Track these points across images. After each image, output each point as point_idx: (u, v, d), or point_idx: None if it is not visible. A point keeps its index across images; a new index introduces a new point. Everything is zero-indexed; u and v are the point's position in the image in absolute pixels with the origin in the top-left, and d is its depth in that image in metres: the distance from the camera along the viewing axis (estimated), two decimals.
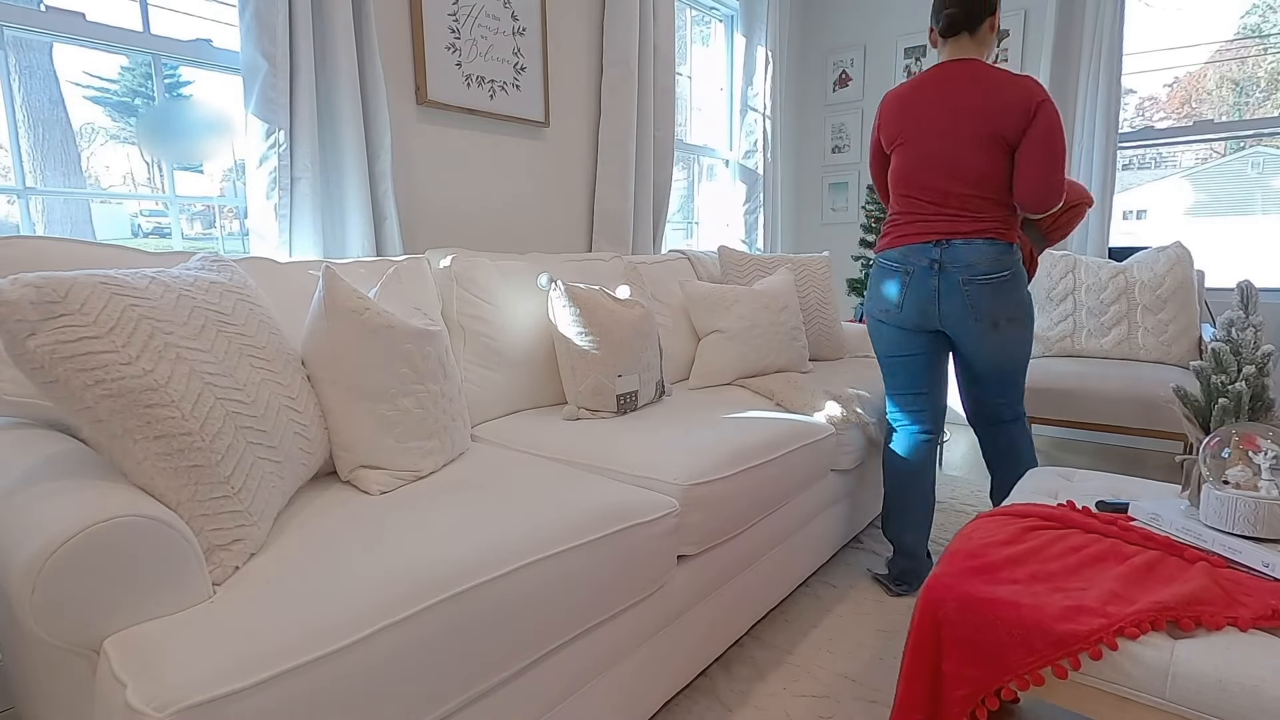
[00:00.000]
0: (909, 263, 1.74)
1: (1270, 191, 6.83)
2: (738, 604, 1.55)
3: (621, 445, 1.52)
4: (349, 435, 1.25)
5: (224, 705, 0.68)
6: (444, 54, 2.03)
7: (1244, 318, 1.26)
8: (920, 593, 1.10)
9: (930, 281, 1.71)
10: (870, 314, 1.88)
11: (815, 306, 2.56)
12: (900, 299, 1.77)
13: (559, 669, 1.09)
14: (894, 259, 1.78)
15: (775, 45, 3.41)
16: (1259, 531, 1.07)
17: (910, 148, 1.74)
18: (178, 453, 0.86)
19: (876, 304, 1.84)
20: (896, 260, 1.77)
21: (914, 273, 1.73)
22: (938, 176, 1.70)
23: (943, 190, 1.70)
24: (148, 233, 1.84)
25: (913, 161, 1.74)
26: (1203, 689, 0.87)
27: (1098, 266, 2.86)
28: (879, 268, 1.83)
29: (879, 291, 1.83)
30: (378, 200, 1.82)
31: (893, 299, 1.78)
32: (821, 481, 1.87)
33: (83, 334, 0.82)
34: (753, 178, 3.49)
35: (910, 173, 1.75)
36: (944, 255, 1.69)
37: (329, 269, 1.24)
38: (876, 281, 1.84)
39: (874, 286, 1.85)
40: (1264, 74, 4.24)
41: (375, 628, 0.81)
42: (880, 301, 1.83)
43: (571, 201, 2.57)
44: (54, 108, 1.55)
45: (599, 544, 1.11)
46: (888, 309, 1.81)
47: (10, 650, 1.01)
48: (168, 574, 0.79)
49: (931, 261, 1.70)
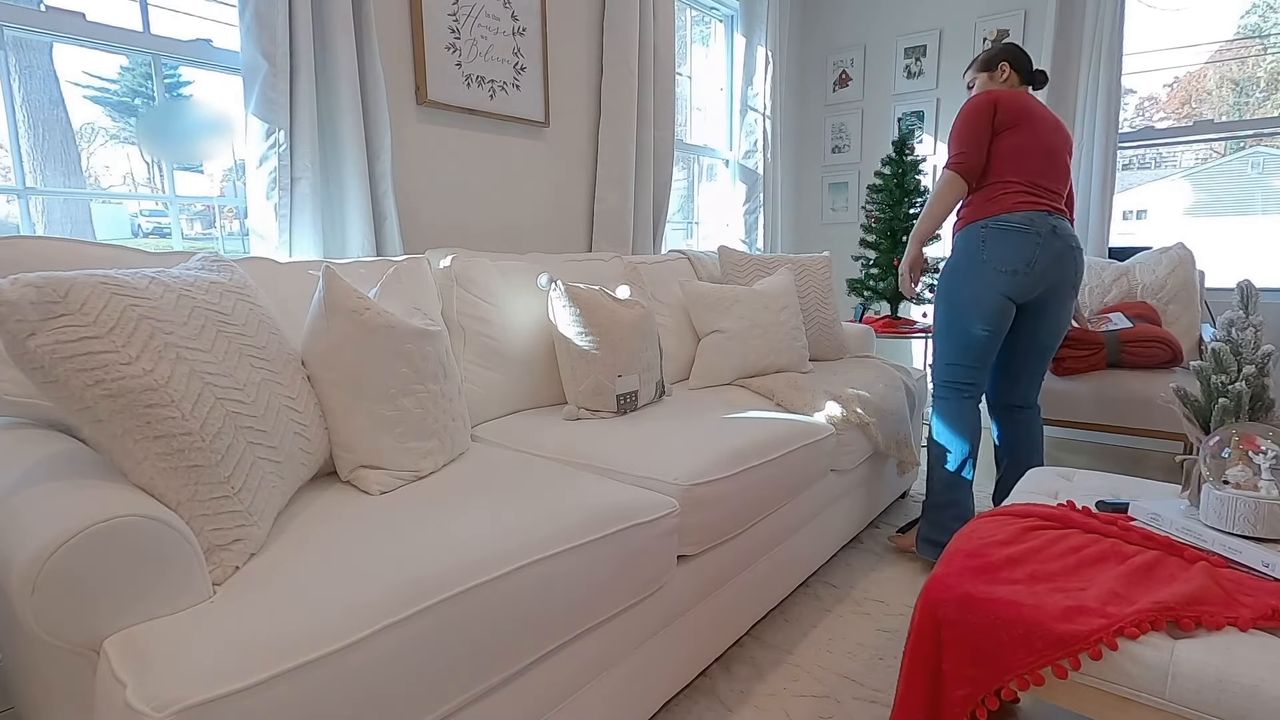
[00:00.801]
0: (1037, 225, 1.83)
1: (1270, 191, 6.83)
2: (738, 604, 1.55)
3: (621, 445, 1.52)
4: (349, 435, 1.25)
5: (224, 705, 0.68)
6: (444, 54, 2.03)
7: (1244, 318, 1.26)
8: (920, 593, 1.10)
9: (1055, 244, 1.84)
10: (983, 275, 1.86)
11: (815, 307, 2.56)
12: (1033, 256, 1.82)
13: (559, 669, 1.08)
14: (1020, 221, 1.83)
15: (775, 45, 3.41)
16: (1259, 531, 1.07)
17: (1029, 134, 1.88)
18: (178, 453, 0.86)
19: (1001, 263, 1.84)
20: (1023, 222, 1.83)
21: (1044, 234, 1.83)
22: (1051, 167, 1.90)
23: (1053, 179, 1.90)
24: (148, 233, 1.84)
25: (1033, 145, 1.88)
26: (1203, 689, 0.87)
27: (1100, 268, 2.86)
28: (1001, 230, 1.84)
29: (1005, 251, 1.83)
30: (378, 200, 1.82)
31: (1025, 256, 1.82)
32: (821, 481, 1.87)
33: (83, 334, 0.82)
34: (753, 178, 3.49)
35: (1030, 154, 1.88)
36: (1060, 225, 1.86)
37: (329, 269, 1.24)
38: (999, 242, 1.84)
39: (996, 247, 1.85)
40: (1264, 74, 4.24)
41: (375, 628, 0.81)
42: (1007, 261, 1.83)
43: (571, 201, 2.57)
44: (54, 108, 1.55)
45: (599, 544, 1.11)
46: (1016, 268, 1.83)
47: (10, 650, 1.01)
48: (168, 574, 0.79)
49: (1053, 227, 1.85)
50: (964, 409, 1.96)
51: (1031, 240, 1.82)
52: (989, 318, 1.87)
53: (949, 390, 1.98)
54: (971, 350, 1.92)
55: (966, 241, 1.91)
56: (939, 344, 2.00)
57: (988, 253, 1.86)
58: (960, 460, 1.97)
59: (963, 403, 1.96)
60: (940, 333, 1.98)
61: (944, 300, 1.96)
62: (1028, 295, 1.88)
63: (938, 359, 2.01)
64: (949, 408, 1.98)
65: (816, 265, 2.62)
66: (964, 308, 1.90)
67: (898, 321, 2.94)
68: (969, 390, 1.96)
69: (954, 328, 1.93)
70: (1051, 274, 1.86)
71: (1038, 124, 1.91)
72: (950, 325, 1.94)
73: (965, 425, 1.96)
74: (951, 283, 1.93)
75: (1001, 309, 1.87)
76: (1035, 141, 1.88)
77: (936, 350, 2.01)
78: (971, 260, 1.88)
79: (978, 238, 1.88)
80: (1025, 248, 1.83)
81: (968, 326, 1.90)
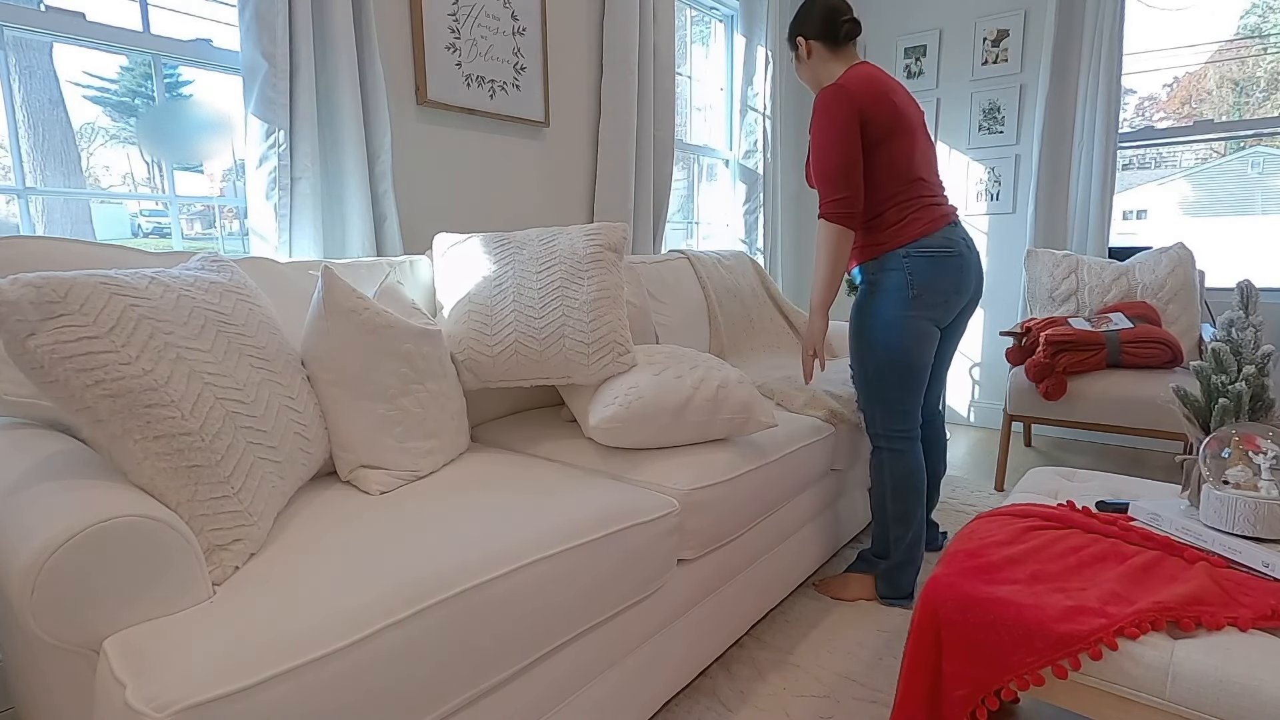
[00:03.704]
0: (955, 244, 1.67)
1: (1270, 191, 6.83)
2: (738, 604, 1.55)
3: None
4: (348, 435, 1.25)
5: (224, 705, 0.68)
6: (444, 54, 2.03)
7: (1244, 318, 1.26)
8: (920, 593, 1.10)
9: (972, 259, 1.73)
10: (915, 308, 1.65)
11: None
12: (960, 281, 1.68)
13: (559, 669, 1.08)
14: (941, 243, 1.65)
15: (775, 45, 3.41)
16: (1259, 531, 1.07)
17: (907, 137, 1.66)
18: (177, 453, 0.87)
19: (934, 294, 1.65)
20: (943, 244, 1.65)
21: (963, 252, 1.69)
22: (927, 151, 1.75)
23: (932, 166, 1.76)
24: (148, 233, 1.84)
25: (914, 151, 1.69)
26: (1203, 689, 0.87)
27: (1100, 267, 2.86)
28: (924, 257, 1.64)
29: (935, 279, 1.64)
30: (378, 200, 1.82)
31: (953, 282, 1.67)
32: (821, 481, 1.87)
33: (82, 334, 0.82)
34: (753, 178, 3.49)
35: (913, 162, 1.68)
36: (966, 234, 1.74)
37: (328, 269, 1.24)
38: (926, 271, 1.64)
39: (924, 277, 1.64)
40: (1264, 74, 4.24)
41: (375, 628, 0.81)
42: (940, 291, 1.65)
43: (571, 201, 2.57)
44: (54, 108, 1.55)
45: (598, 544, 1.11)
46: (948, 298, 1.67)
47: (10, 650, 1.01)
48: (167, 574, 0.79)
49: (965, 239, 1.72)
50: (918, 455, 1.77)
51: (956, 264, 1.67)
52: (927, 352, 1.70)
53: (901, 440, 1.75)
54: (916, 391, 1.72)
55: (887, 274, 1.68)
56: (879, 392, 1.73)
57: (917, 285, 1.65)
58: (923, 513, 1.79)
59: (916, 449, 1.76)
60: (877, 380, 1.72)
61: (879, 344, 1.69)
62: (950, 317, 1.74)
63: (881, 409, 1.74)
64: (907, 460, 1.75)
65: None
66: (902, 349, 1.67)
67: None
68: (915, 433, 1.76)
69: (896, 372, 1.69)
70: (973, 290, 1.75)
71: (901, 110, 1.64)
72: (891, 370, 1.69)
73: (922, 474, 1.77)
74: (883, 322, 1.68)
75: (934, 339, 1.71)
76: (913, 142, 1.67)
77: (876, 400, 1.74)
78: (900, 295, 1.66)
79: (901, 269, 1.65)
80: (952, 272, 1.66)
81: (910, 367, 1.68)
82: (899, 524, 1.78)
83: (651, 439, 1.44)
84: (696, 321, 2.38)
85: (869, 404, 1.78)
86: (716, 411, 1.45)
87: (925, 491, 1.79)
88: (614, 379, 1.48)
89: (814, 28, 1.73)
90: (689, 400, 1.42)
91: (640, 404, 1.39)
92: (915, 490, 1.77)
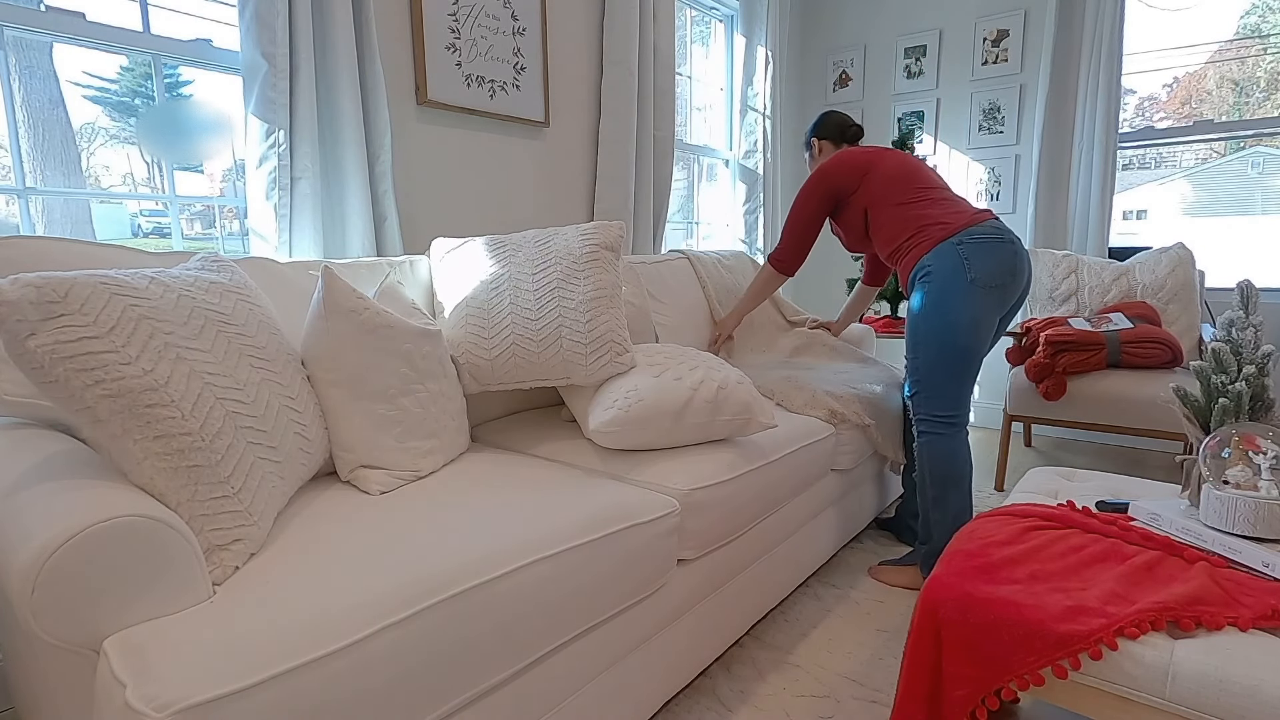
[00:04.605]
0: (1005, 232, 1.76)
1: (1270, 191, 6.82)
2: (738, 604, 1.55)
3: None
4: (349, 435, 1.25)
5: (224, 705, 0.68)
6: (444, 54, 2.03)
7: (1244, 318, 1.26)
8: (920, 593, 1.10)
9: (1021, 249, 1.78)
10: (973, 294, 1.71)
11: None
12: (1020, 265, 1.75)
13: (559, 669, 1.08)
14: (991, 231, 1.74)
15: (775, 45, 3.41)
16: (1259, 531, 1.07)
17: (889, 160, 1.89)
18: (177, 453, 0.86)
19: (989, 278, 1.71)
20: (993, 232, 1.74)
21: (1014, 240, 1.76)
22: (934, 180, 1.89)
23: (951, 191, 1.89)
24: (148, 233, 1.84)
25: (905, 166, 1.88)
26: (1203, 689, 0.87)
27: (1100, 268, 2.86)
28: (978, 242, 1.72)
29: (990, 264, 1.71)
30: (378, 200, 1.82)
31: (1007, 266, 1.72)
32: (821, 482, 1.87)
33: (82, 334, 0.82)
34: (753, 178, 3.49)
35: (907, 174, 1.87)
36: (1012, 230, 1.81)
37: (328, 269, 1.24)
38: (981, 255, 1.71)
39: (979, 262, 1.71)
40: (1264, 74, 4.24)
41: (375, 628, 0.81)
42: (993, 275, 1.71)
43: (571, 201, 2.57)
44: (54, 108, 1.55)
45: (598, 544, 1.11)
46: (1004, 281, 1.72)
47: (10, 650, 1.01)
48: (167, 574, 0.79)
49: (1011, 231, 1.79)
50: (958, 443, 1.81)
51: (1009, 249, 1.73)
52: (981, 339, 1.75)
53: (943, 425, 1.80)
54: (963, 377, 1.77)
55: (943, 260, 1.74)
56: (927, 375, 1.79)
57: (974, 269, 1.71)
58: (964, 501, 1.82)
59: (958, 436, 1.81)
60: (927, 362, 1.79)
61: (935, 325, 1.75)
62: (1005, 306, 1.78)
63: (927, 392, 1.80)
64: (946, 446, 1.80)
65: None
66: (956, 329, 1.72)
67: (897, 321, 2.94)
68: (959, 420, 1.81)
69: (945, 353, 1.75)
70: (1025, 280, 1.79)
71: (874, 154, 1.92)
72: (941, 351, 1.75)
73: (962, 463, 1.81)
74: (942, 307, 1.74)
75: (988, 328, 1.76)
76: (885, 159, 1.89)
77: (924, 382, 1.81)
78: (959, 279, 1.72)
79: (956, 255, 1.72)
80: (1007, 256, 1.72)
81: (961, 350, 1.74)
82: (936, 508, 1.84)
83: (651, 441, 1.44)
84: (696, 321, 2.38)
85: (915, 386, 1.85)
86: (717, 413, 1.45)
87: (965, 481, 1.82)
88: (613, 381, 1.48)
89: (825, 132, 2.17)
90: (689, 402, 1.42)
91: (640, 407, 1.39)
92: (951, 477, 1.81)
